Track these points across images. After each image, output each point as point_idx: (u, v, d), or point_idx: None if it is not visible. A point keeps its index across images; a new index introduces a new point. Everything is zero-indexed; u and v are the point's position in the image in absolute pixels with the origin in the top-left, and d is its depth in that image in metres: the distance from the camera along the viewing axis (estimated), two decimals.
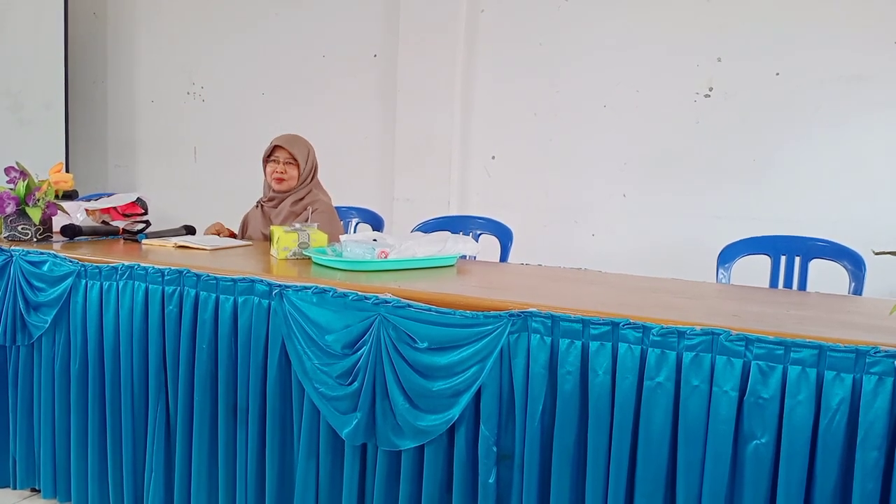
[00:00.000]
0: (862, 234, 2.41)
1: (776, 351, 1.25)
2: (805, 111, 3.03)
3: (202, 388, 1.81)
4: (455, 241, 2.05)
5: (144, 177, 4.79)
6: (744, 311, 1.52)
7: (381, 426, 1.57)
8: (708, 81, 3.18)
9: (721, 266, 2.35)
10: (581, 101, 3.44)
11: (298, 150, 2.64)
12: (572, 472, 1.42)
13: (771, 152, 3.09)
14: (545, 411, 1.43)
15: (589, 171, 3.45)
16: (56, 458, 2.09)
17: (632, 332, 1.35)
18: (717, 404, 1.28)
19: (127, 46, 4.76)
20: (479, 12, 3.61)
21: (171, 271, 1.84)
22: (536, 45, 3.50)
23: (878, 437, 1.18)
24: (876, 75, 2.91)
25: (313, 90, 4.11)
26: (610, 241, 3.41)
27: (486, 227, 2.86)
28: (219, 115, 4.45)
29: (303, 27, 4.11)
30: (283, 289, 1.68)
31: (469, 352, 1.47)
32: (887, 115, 2.90)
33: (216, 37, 4.41)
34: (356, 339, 1.59)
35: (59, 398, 2.05)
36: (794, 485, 1.24)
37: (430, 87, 3.66)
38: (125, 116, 4.81)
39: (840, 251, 2.26)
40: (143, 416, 1.93)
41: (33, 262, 2.06)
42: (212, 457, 1.84)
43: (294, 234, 2.09)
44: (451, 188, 3.67)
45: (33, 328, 2.06)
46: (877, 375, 1.19)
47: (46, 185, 2.31)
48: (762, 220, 3.01)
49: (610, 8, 3.35)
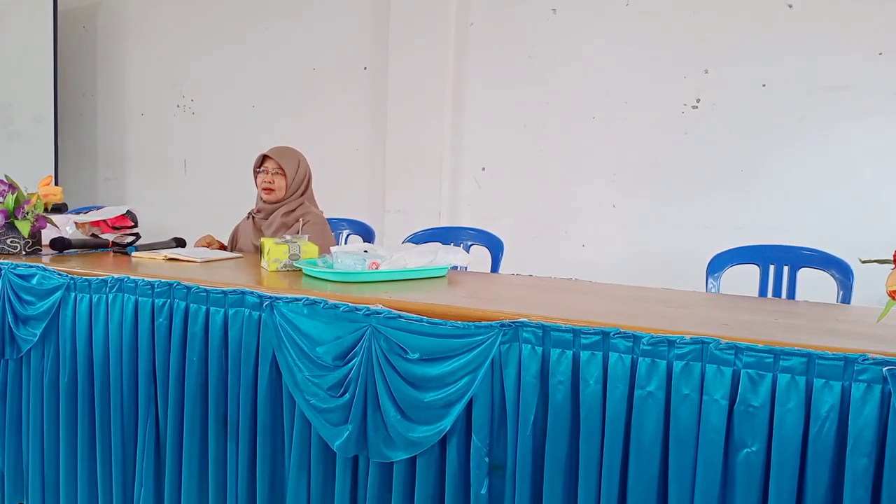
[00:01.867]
0: (849, 242, 2.44)
1: (765, 359, 1.26)
2: (792, 121, 3.06)
3: (192, 401, 1.80)
4: (446, 252, 2.05)
5: (134, 190, 4.78)
6: (733, 320, 1.53)
7: (373, 438, 1.57)
8: (695, 92, 3.21)
9: (710, 275, 2.36)
10: (570, 113, 3.46)
11: (287, 160, 2.64)
12: (564, 482, 1.42)
13: (758, 162, 3.12)
14: (537, 421, 1.43)
15: (578, 181, 3.47)
16: (45, 473, 2.07)
17: (622, 342, 1.35)
18: (708, 413, 1.29)
19: (117, 59, 4.76)
20: (468, 25, 3.64)
21: (160, 284, 1.83)
22: (525, 57, 3.53)
23: (867, 444, 1.19)
24: (861, 85, 2.94)
25: (304, 103, 4.12)
26: (600, 251, 3.43)
27: (477, 238, 2.86)
28: (209, 128, 4.46)
29: (293, 40, 4.13)
30: (274, 300, 1.68)
31: (460, 362, 1.47)
32: (873, 124, 2.93)
33: (206, 49, 4.42)
34: (347, 351, 1.58)
35: (48, 412, 2.03)
36: (785, 492, 1.24)
37: (421, 99, 3.68)
38: (115, 129, 4.81)
39: (828, 260, 2.27)
40: (132, 429, 1.92)
41: (22, 276, 2.05)
42: (202, 470, 1.83)
43: (285, 245, 2.09)
44: (442, 199, 3.68)
45: (22, 342, 2.05)
46: (865, 383, 1.19)
47: (35, 198, 2.30)
48: (751, 230, 3.03)
49: (598, 20, 3.37)
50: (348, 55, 3.97)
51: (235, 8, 4.30)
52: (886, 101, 2.91)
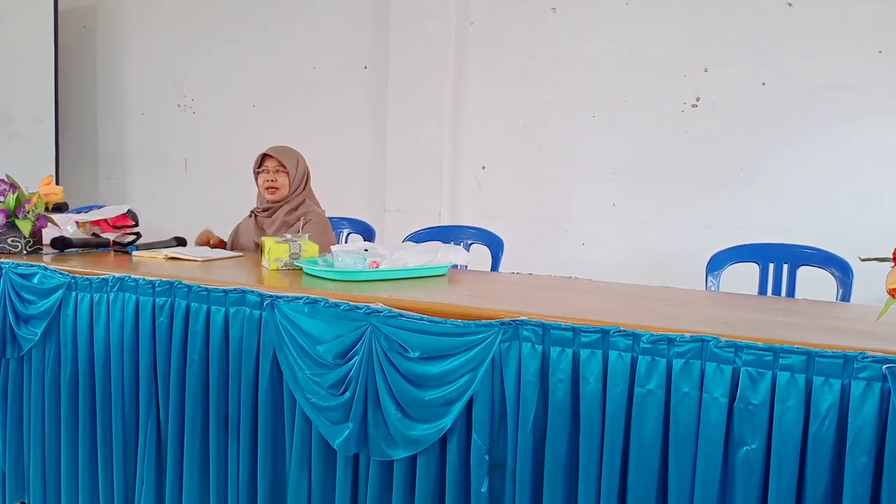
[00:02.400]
0: (849, 240, 2.44)
1: (765, 357, 1.26)
2: (791, 120, 3.06)
3: (193, 400, 1.81)
4: (446, 251, 2.06)
5: (135, 189, 4.78)
6: (733, 318, 1.53)
7: (374, 436, 1.57)
8: (695, 91, 3.21)
9: (710, 274, 2.36)
10: (570, 112, 3.46)
11: (287, 158, 2.65)
12: (564, 480, 1.43)
13: (758, 161, 3.12)
14: (537, 419, 1.44)
15: (578, 180, 3.47)
16: (46, 472, 2.07)
17: (622, 340, 1.36)
18: (708, 411, 1.29)
19: (117, 59, 4.76)
20: (468, 24, 3.64)
21: (161, 283, 1.83)
22: (526, 57, 3.53)
23: (867, 441, 1.19)
24: (861, 84, 2.94)
25: (304, 102, 4.12)
26: (600, 250, 3.43)
27: (477, 237, 2.87)
28: (210, 128, 4.46)
29: (293, 39, 4.13)
30: (275, 299, 1.68)
31: (461, 360, 1.48)
32: (872, 123, 2.94)
33: (206, 49, 4.42)
34: (348, 349, 1.58)
35: (49, 411, 2.03)
36: (785, 490, 1.25)
37: (421, 98, 3.68)
38: (115, 129, 4.81)
39: (828, 258, 2.28)
40: (133, 428, 1.92)
41: (23, 275, 2.05)
42: (203, 469, 1.83)
43: (285, 244, 2.09)
44: (442, 198, 3.68)
45: (23, 341, 2.05)
46: (865, 381, 1.20)
47: (36, 197, 2.30)
48: (750, 229, 3.03)
49: (598, 19, 3.38)
50: (348, 55, 3.97)
51: (236, 7, 4.30)
52: (886, 99, 2.91)
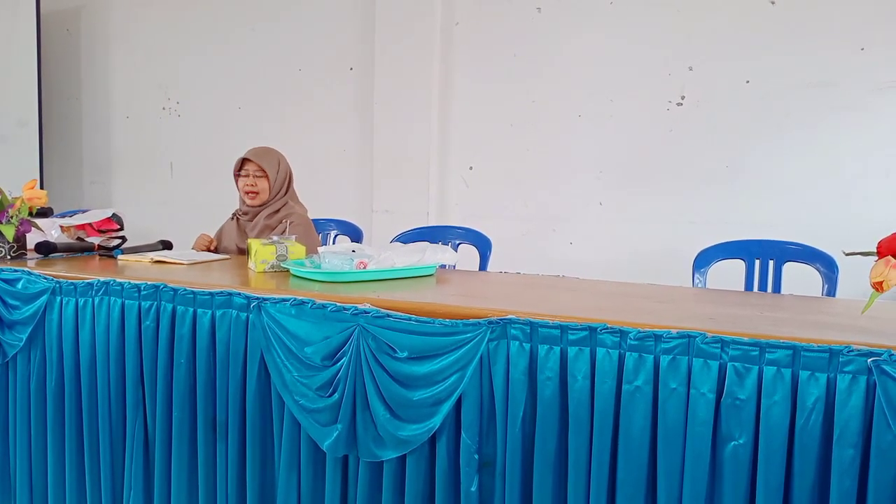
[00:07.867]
0: (834, 236, 2.45)
1: (751, 352, 1.27)
2: (776, 117, 3.08)
3: (181, 404, 1.80)
4: (434, 251, 2.06)
5: (120, 193, 4.75)
6: (719, 314, 1.54)
7: (363, 437, 1.56)
8: (680, 90, 3.23)
9: (696, 271, 2.37)
10: (556, 111, 3.47)
11: (267, 161, 2.62)
12: (554, 477, 1.43)
13: (743, 158, 3.14)
14: (526, 417, 1.44)
15: (565, 179, 3.48)
16: (33, 478, 2.05)
17: (609, 337, 1.36)
18: (695, 406, 1.29)
19: (101, 62, 4.73)
20: (453, 24, 3.64)
21: (147, 286, 1.82)
22: (511, 56, 3.53)
23: (853, 434, 1.20)
24: (844, 81, 2.97)
25: (290, 104, 4.11)
26: (587, 248, 3.44)
27: (465, 237, 2.87)
28: (195, 130, 4.43)
29: (279, 41, 4.11)
30: (262, 301, 1.68)
31: (449, 360, 1.47)
32: (856, 119, 2.96)
33: (191, 51, 4.39)
34: (335, 351, 1.58)
35: (35, 416, 2.02)
36: (773, 484, 1.25)
37: (407, 98, 3.68)
38: (100, 132, 4.78)
39: (813, 254, 2.29)
40: (121, 432, 1.91)
41: (7, 280, 2.04)
42: (191, 472, 1.82)
43: (272, 246, 2.09)
44: (430, 199, 3.68)
45: (8, 346, 2.03)
46: (850, 374, 1.21)
47: (20, 202, 2.28)
48: (736, 225, 3.05)
49: (583, 18, 3.39)
50: (334, 56, 3.96)
51: (220, 9, 4.28)
52: (869, 96, 2.93)
